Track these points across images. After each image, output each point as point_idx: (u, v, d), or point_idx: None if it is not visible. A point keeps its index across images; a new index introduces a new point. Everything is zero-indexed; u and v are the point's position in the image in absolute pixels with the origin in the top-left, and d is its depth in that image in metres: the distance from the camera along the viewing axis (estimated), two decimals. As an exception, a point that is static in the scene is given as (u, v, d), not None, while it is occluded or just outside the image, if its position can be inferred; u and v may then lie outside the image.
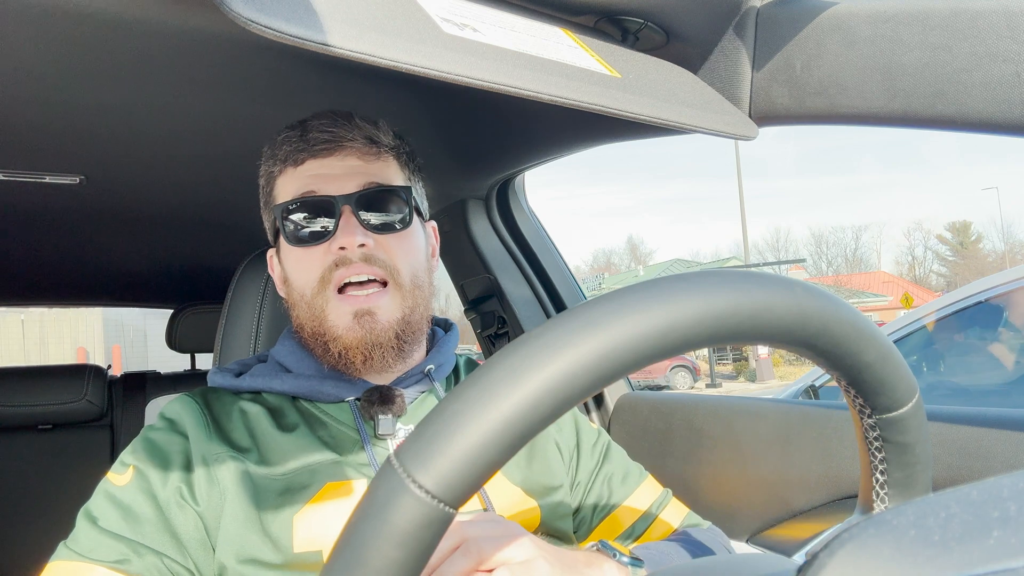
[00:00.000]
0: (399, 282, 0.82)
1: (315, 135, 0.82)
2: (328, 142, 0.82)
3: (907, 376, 0.40)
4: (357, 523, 0.30)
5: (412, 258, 0.84)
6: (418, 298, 0.84)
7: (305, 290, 0.82)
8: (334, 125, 0.82)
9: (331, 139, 0.82)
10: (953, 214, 77.04)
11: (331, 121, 0.83)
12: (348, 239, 0.79)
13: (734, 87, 0.83)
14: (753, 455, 1.08)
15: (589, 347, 0.31)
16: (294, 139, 0.83)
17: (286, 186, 0.84)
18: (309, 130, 0.83)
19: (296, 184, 0.83)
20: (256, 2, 0.45)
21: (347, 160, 0.83)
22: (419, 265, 0.85)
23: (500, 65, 0.59)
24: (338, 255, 0.80)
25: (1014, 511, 0.24)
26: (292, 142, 0.83)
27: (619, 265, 58.74)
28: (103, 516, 0.72)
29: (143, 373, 2.51)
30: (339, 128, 0.82)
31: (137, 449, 0.78)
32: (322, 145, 0.82)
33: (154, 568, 0.70)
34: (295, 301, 0.84)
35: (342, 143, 0.82)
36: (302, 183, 0.82)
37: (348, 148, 0.83)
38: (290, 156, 0.83)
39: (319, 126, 0.82)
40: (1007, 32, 0.61)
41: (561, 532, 0.87)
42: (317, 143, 0.82)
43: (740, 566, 0.42)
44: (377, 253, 0.81)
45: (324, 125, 0.82)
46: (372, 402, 0.82)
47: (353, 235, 0.79)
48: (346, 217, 0.80)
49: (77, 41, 0.79)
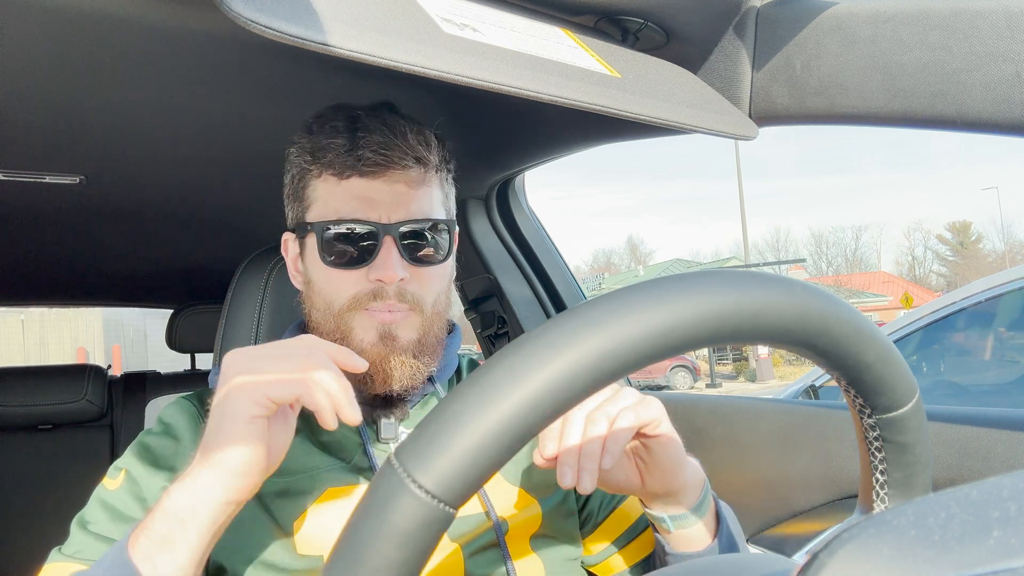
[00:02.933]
0: (422, 310, 0.81)
1: (366, 154, 0.78)
2: (379, 164, 0.79)
3: (907, 376, 0.40)
4: (357, 523, 0.30)
5: (440, 287, 0.84)
6: (435, 321, 0.83)
7: (333, 304, 0.80)
8: (387, 146, 0.78)
9: (383, 162, 0.78)
10: (953, 214, 77.08)
11: (384, 140, 0.78)
12: (388, 273, 0.77)
13: (734, 87, 0.83)
14: (753, 455, 1.09)
15: (589, 347, 0.31)
16: (341, 149, 0.79)
17: (327, 197, 0.81)
18: (359, 145, 0.78)
19: (339, 201, 0.80)
20: (256, 2, 0.45)
21: (395, 185, 0.80)
22: (443, 290, 0.85)
23: (500, 65, 0.59)
24: (375, 285, 0.78)
25: (1014, 511, 0.24)
26: (339, 152, 0.79)
27: (619, 265, 58.73)
28: (94, 520, 0.73)
29: (143, 373, 2.51)
30: (390, 150, 0.78)
31: (130, 454, 0.78)
32: (372, 167, 0.79)
33: None
34: (317, 306, 0.83)
35: (392, 166, 0.79)
36: (345, 203, 0.79)
37: (397, 171, 0.80)
38: (335, 164, 0.79)
39: (371, 144, 0.78)
40: (1007, 32, 0.61)
41: (564, 530, 0.87)
42: (367, 163, 0.78)
43: (740, 566, 0.42)
44: (410, 287, 0.80)
45: (378, 145, 0.78)
46: (375, 405, 0.82)
47: (393, 269, 0.77)
48: (387, 247, 0.78)
49: (77, 41, 0.79)
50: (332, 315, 0.81)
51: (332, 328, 0.81)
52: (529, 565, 0.83)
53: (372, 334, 0.79)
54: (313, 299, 0.84)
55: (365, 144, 0.78)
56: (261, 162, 1.33)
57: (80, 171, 1.29)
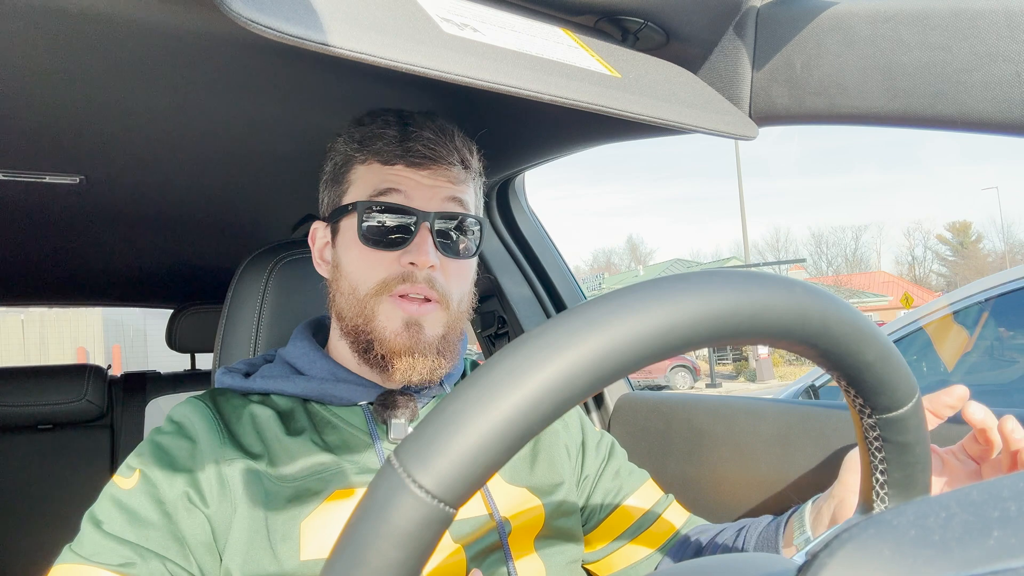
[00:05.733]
0: (449, 305, 0.82)
1: (415, 146, 0.81)
2: (426, 157, 0.81)
3: (907, 376, 0.40)
4: (357, 523, 0.30)
5: (465, 285, 0.85)
6: (459, 320, 0.85)
7: (359, 287, 0.81)
8: (436, 143, 0.81)
9: (430, 156, 0.81)
10: (953, 214, 77.08)
11: (435, 137, 0.82)
12: (422, 257, 0.79)
13: (734, 87, 0.83)
14: (753, 455, 1.08)
15: (589, 347, 0.31)
16: (391, 139, 0.81)
17: (370, 179, 0.83)
18: (410, 138, 0.81)
19: (381, 182, 0.82)
20: (256, 2, 0.45)
21: (437, 179, 0.82)
22: (467, 290, 0.86)
23: (500, 65, 0.59)
24: (406, 269, 0.80)
25: (1014, 511, 0.24)
26: (388, 141, 0.82)
27: (619, 265, 58.73)
28: (108, 520, 0.72)
29: (143, 373, 2.51)
30: (439, 147, 0.81)
31: (144, 452, 0.77)
32: (419, 159, 0.81)
33: (157, 573, 0.69)
34: (343, 290, 0.83)
35: (439, 161, 0.82)
36: (389, 183, 0.81)
37: (442, 167, 0.82)
38: (383, 152, 0.82)
39: (422, 138, 0.81)
40: (1007, 32, 0.61)
41: (566, 530, 0.87)
42: (415, 155, 0.81)
43: (740, 566, 0.42)
44: (438, 277, 0.81)
45: (428, 140, 0.81)
46: (386, 406, 0.82)
47: (427, 254, 0.79)
48: (423, 234, 0.80)
49: (77, 41, 0.79)
50: (357, 299, 0.81)
51: (356, 313, 0.81)
52: (531, 566, 0.83)
53: (397, 323, 0.79)
54: (340, 284, 0.84)
55: (416, 138, 0.81)
56: (261, 162, 1.33)
57: (80, 171, 1.29)
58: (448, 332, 0.82)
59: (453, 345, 0.84)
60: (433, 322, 0.81)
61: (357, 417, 0.83)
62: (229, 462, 0.75)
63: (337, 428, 0.82)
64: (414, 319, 0.79)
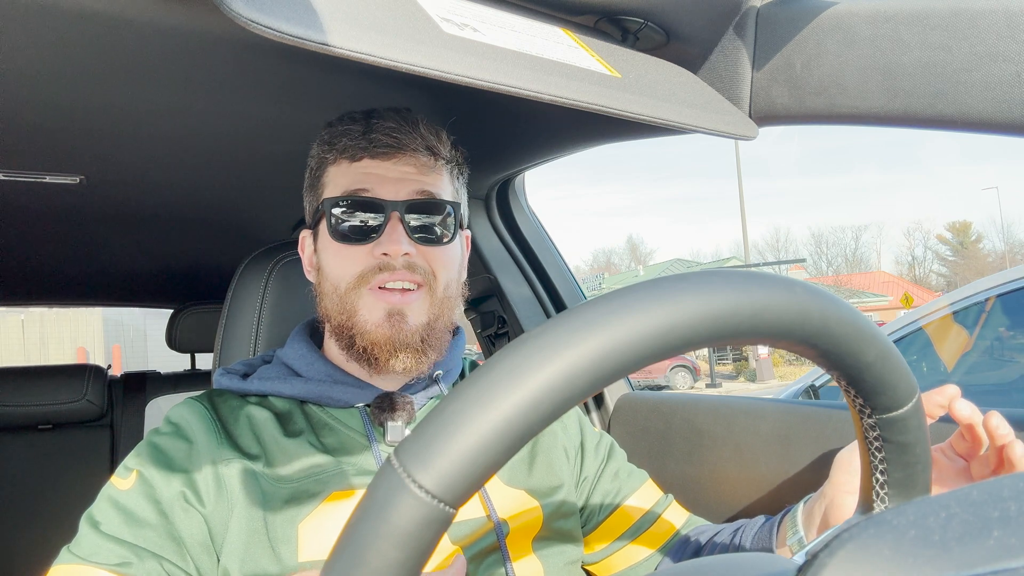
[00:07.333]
0: (433, 288, 0.82)
1: (378, 136, 0.82)
2: (389, 147, 0.82)
3: (907, 376, 0.40)
4: (357, 523, 0.30)
5: (449, 270, 0.85)
6: (446, 307, 0.84)
7: (340, 284, 0.82)
8: (398, 131, 0.82)
9: (393, 144, 0.82)
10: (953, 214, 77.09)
11: (396, 125, 0.82)
12: (393, 247, 0.79)
13: (734, 87, 0.83)
14: (753, 455, 1.08)
15: (589, 347, 0.31)
16: (355, 134, 0.82)
17: (338, 178, 0.84)
18: (373, 130, 0.82)
19: (349, 179, 0.83)
20: (256, 2, 0.45)
21: (403, 166, 0.83)
22: (454, 276, 0.86)
23: (500, 65, 0.59)
24: (381, 260, 0.80)
25: (1014, 511, 0.24)
26: (352, 137, 0.82)
27: (619, 265, 58.72)
28: (105, 520, 0.72)
29: (143, 373, 2.51)
30: (402, 135, 0.82)
31: (141, 453, 0.77)
32: (383, 148, 0.82)
33: (154, 572, 0.70)
34: (326, 291, 0.84)
35: (403, 149, 0.82)
36: (355, 179, 0.82)
37: (407, 155, 0.83)
38: (348, 149, 0.83)
39: (384, 128, 0.82)
40: (1007, 32, 0.61)
41: (565, 531, 0.87)
42: (378, 145, 0.82)
43: (740, 566, 0.42)
44: (418, 261, 0.81)
45: (389, 128, 0.82)
46: (383, 408, 0.82)
47: (398, 243, 0.79)
48: (393, 223, 0.81)
49: (77, 41, 0.79)
50: (339, 296, 0.82)
51: (339, 310, 0.82)
52: (529, 567, 0.83)
53: (379, 314, 0.80)
54: (323, 286, 0.85)
55: (378, 128, 0.82)
56: (261, 162, 1.33)
57: (80, 171, 1.29)
58: (433, 320, 0.82)
59: (440, 335, 0.84)
60: (417, 311, 0.81)
61: (354, 419, 0.83)
62: (226, 463, 0.75)
63: (334, 430, 0.82)
64: (396, 308, 0.80)
